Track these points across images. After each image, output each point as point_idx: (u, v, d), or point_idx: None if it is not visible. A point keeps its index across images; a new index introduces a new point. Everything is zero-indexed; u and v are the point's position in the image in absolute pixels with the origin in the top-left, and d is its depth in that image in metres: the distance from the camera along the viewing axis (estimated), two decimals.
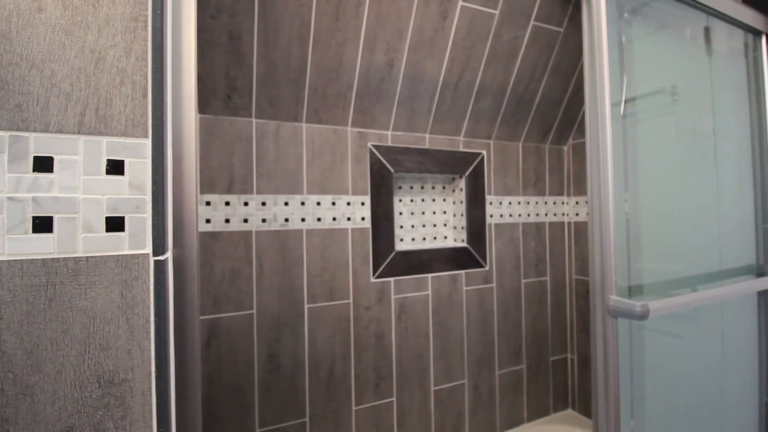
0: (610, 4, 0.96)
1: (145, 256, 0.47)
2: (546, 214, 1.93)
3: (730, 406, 1.27)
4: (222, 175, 1.29)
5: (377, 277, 1.52)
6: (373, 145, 1.52)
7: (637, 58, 1.15)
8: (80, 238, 0.45)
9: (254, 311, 1.32)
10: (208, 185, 1.27)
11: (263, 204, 1.34)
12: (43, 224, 0.44)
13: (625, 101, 1.13)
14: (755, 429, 1.29)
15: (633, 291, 1.02)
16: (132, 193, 0.47)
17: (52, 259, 0.44)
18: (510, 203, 1.82)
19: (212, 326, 1.26)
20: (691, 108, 1.28)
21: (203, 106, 1.25)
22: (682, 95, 1.24)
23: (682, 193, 1.23)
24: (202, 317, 1.25)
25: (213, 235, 1.28)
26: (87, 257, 0.45)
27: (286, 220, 1.37)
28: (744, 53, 1.31)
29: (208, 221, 1.27)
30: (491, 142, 1.78)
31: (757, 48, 1.29)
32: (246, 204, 1.32)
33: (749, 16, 1.26)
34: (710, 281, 1.19)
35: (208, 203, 1.27)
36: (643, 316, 0.85)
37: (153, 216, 0.48)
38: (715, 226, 1.25)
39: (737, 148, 1.30)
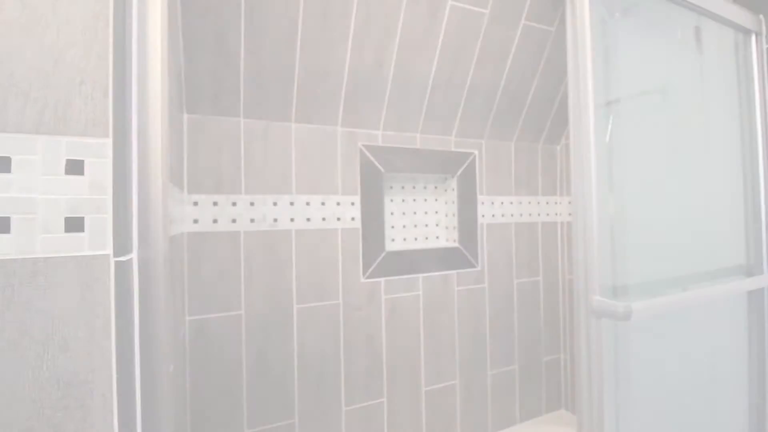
0: (595, 4, 0.96)
1: (106, 257, 0.47)
2: (539, 214, 1.92)
3: (719, 407, 1.26)
4: (209, 175, 1.29)
5: (367, 278, 1.51)
6: (364, 145, 1.51)
7: (626, 58, 1.14)
8: (38, 239, 0.45)
9: (242, 312, 1.32)
10: (195, 185, 1.27)
11: (252, 204, 1.34)
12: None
13: (614, 101, 1.13)
14: (745, 429, 1.28)
15: (619, 291, 1.01)
16: (92, 193, 0.47)
17: (10, 260, 0.44)
18: (502, 203, 1.81)
19: (200, 327, 1.26)
20: (680, 107, 1.27)
21: (190, 106, 1.25)
22: (672, 95, 1.23)
23: (671, 192, 1.22)
24: (189, 318, 1.25)
25: (200, 236, 1.27)
26: (45, 258, 0.45)
27: (275, 220, 1.37)
28: (734, 52, 1.30)
29: (195, 221, 1.27)
30: (483, 141, 1.77)
31: (747, 47, 1.28)
32: (234, 204, 1.32)
33: (740, 15, 1.25)
34: (699, 281, 1.18)
35: (195, 203, 1.27)
36: (626, 316, 0.85)
37: (114, 216, 0.48)
38: (704, 225, 1.24)
39: (727, 148, 1.29)
